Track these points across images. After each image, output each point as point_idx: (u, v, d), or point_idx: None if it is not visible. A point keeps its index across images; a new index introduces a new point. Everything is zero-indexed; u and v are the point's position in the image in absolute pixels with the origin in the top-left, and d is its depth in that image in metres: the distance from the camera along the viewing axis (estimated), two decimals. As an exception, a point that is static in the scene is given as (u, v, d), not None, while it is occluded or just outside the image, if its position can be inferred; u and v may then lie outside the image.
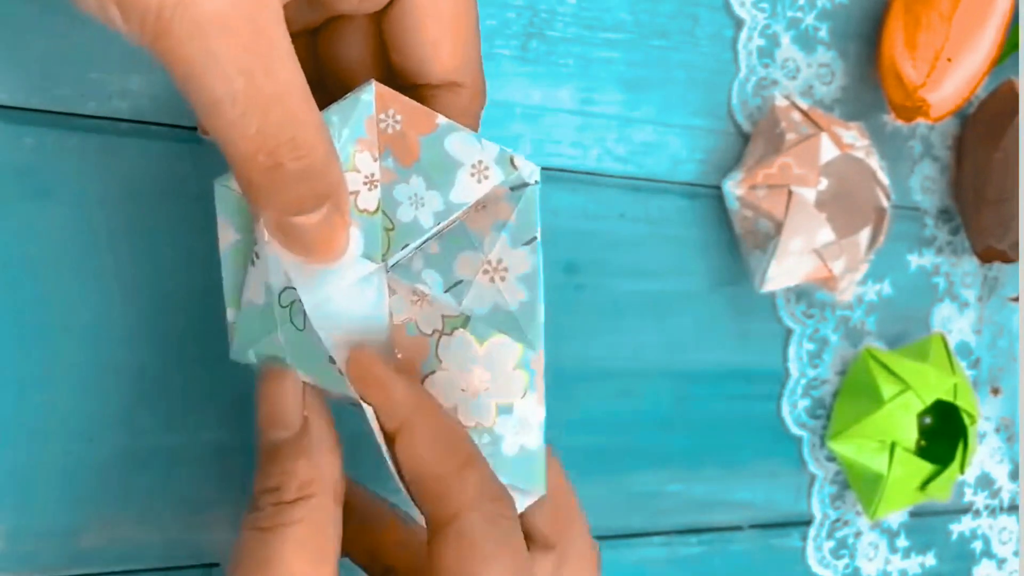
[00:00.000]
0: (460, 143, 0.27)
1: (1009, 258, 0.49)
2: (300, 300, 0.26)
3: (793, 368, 0.47)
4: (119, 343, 0.33)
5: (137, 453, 0.34)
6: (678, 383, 0.44)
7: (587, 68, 0.41)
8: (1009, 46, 0.47)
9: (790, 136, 0.43)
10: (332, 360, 0.26)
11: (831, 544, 0.49)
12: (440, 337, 0.27)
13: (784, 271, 0.43)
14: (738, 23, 0.44)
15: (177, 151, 0.33)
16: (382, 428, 0.26)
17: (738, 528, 0.47)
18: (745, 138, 0.45)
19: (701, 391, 0.45)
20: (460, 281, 0.27)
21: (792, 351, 0.47)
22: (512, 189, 0.28)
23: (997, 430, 0.54)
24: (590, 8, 0.41)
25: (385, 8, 0.28)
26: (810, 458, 0.48)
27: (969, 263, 0.52)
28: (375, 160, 0.27)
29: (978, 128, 0.49)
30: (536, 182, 0.28)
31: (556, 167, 0.41)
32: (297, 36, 0.30)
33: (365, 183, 0.27)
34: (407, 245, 0.27)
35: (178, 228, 0.34)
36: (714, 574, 0.46)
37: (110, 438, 0.33)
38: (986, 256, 0.50)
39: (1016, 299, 0.53)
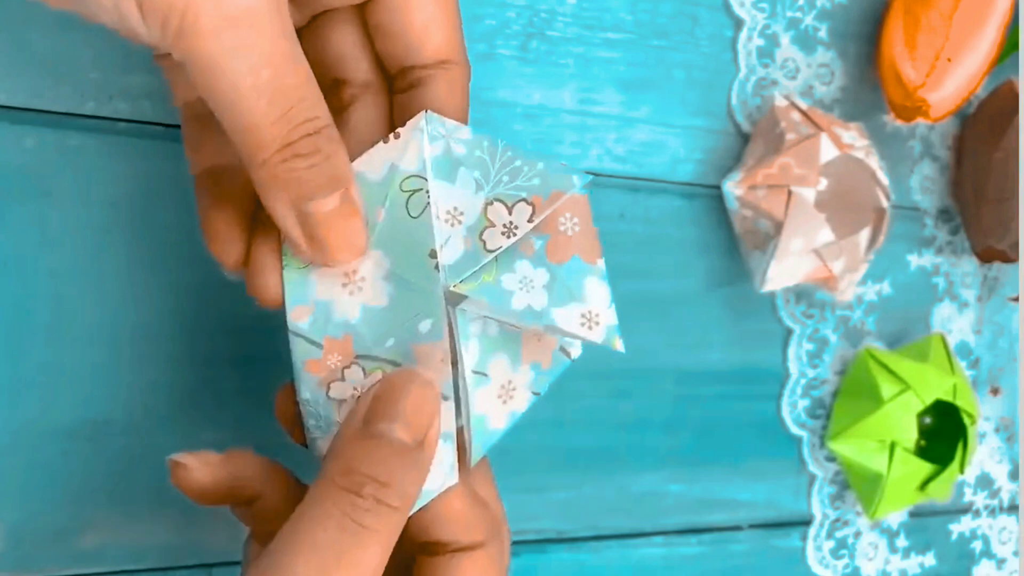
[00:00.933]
0: (596, 286, 0.27)
1: (1009, 258, 0.49)
2: (428, 191, 0.27)
3: (793, 368, 0.47)
4: (119, 343, 0.33)
5: (137, 453, 0.34)
6: (678, 383, 0.44)
7: (587, 68, 0.41)
8: (1009, 46, 0.47)
9: (790, 136, 0.43)
10: (433, 254, 0.27)
11: (831, 544, 0.49)
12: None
13: (784, 271, 0.43)
14: (738, 23, 0.44)
15: (177, 151, 0.33)
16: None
17: (738, 528, 0.47)
18: (745, 138, 0.45)
19: (701, 391, 0.45)
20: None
21: (792, 351, 0.47)
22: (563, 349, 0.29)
23: (997, 430, 0.54)
24: (590, 8, 0.41)
25: (366, 3, 0.29)
26: (810, 458, 0.48)
27: (969, 263, 0.52)
28: (528, 223, 0.27)
29: (978, 128, 0.49)
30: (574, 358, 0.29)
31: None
32: None
33: (504, 231, 0.27)
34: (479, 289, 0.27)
35: (178, 228, 0.34)
36: (714, 574, 0.46)
37: (110, 438, 0.33)
38: (986, 256, 0.50)
39: (1016, 299, 0.53)
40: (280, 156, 0.25)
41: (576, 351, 0.29)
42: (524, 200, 0.27)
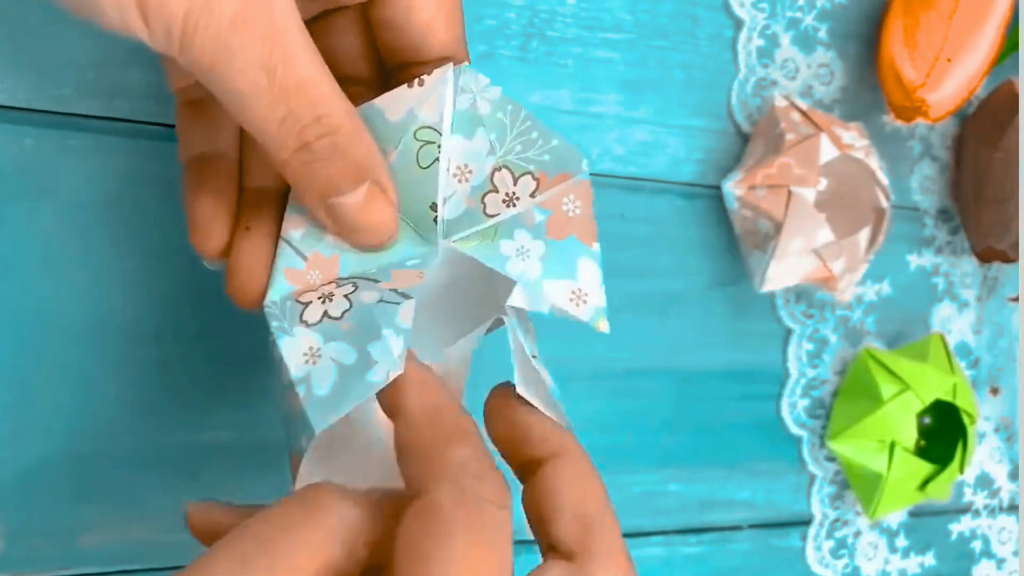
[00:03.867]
0: (589, 268, 0.28)
1: (1009, 258, 0.49)
2: (439, 146, 0.27)
3: (793, 368, 0.47)
4: (119, 343, 0.33)
5: (137, 453, 0.34)
6: (678, 383, 0.44)
7: (587, 68, 0.41)
8: (1009, 46, 0.47)
9: (789, 136, 0.43)
10: (434, 207, 0.27)
11: (831, 544, 0.49)
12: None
13: (784, 271, 0.43)
14: (738, 23, 0.44)
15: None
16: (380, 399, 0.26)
17: (738, 528, 0.47)
18: (745, 138, 0.45)
19: (701, 391, 0.45)
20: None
21: (792, 351, 0.47)
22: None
23: (996, 430, 0.54)
24: (590, 8, 0.41)
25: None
26: (810, 458, 0.48)
27: (969, 263, 0.52)
28: (530, 197, 0.28)
29: (978, 128, 0.49)
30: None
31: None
32: None
33: (505, 200, 0.28)
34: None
35: (178, 228, 0.34)
36: (714, 574, 0.46)
37: (110, 438, 0.33)
38: (986, 256, 0.50)
39: (1016, 299, 0.53)
40: (299, 158, 0.25)
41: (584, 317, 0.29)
42: (531, 174, 0.28)
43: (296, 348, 0.26)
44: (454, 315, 0.30)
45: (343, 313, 0.26)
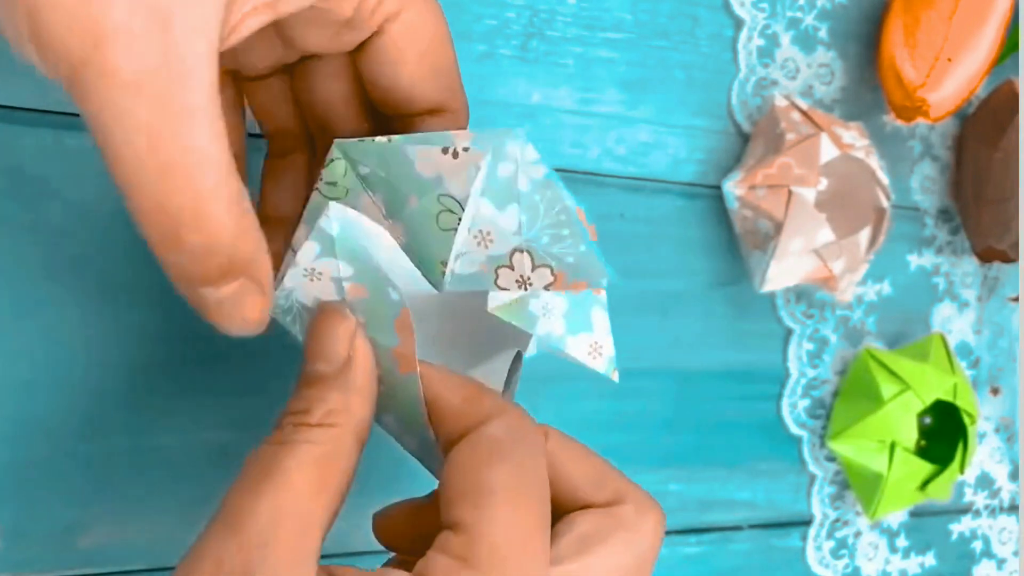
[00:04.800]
0: (600, 317, 0.29)
1: (1009, 258, 0.49)
2: (460, 219, 0.27)
3: (793, 368, 0.47)
4: (119, 343, 0.33)
5: (137, 453, 0.34)
6: (678, 383, 0.44)
7: (587, 68, 0.41)
8: (1009, 46, 0.47)
9: (790, 136, 0.43)
10: (444, 265, 0.27)
11: (831, 544, 0.49)
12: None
13: (784, 271, 0.43)
14: (738, 23, 0.44)
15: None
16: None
17: (738, 528, 0.47)
18: (745, 138, 0.45)
19: (701, 391, 0.45)
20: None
21: (792, 351, 0.47)
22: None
23: (997, 430, 0.54)
24: (590, 8, 0.41)
25: (360, 46, 0.28)
26: (810, 458, 0.48)
27: (969, 263, 0.52)
28: (544, 289, 0.28)
29: (978, 128, 0.49)
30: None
31: (556, 167, 0.41)
32: (273, 74, 0.30)
33: (519, 281, 0.28)
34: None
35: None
36: (714, 574, 0.46)
37: (110, 438, 0.33)
38: (986, 256, 0.50)
39: (1016, 299, 0.53)
40: (159, 233, 0.22)
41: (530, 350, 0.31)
42: (550, 268, 0.27)
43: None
44: (461, 344, 0.31)
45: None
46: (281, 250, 0.28)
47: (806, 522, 0.49)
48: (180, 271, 0.23)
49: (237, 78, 0.30)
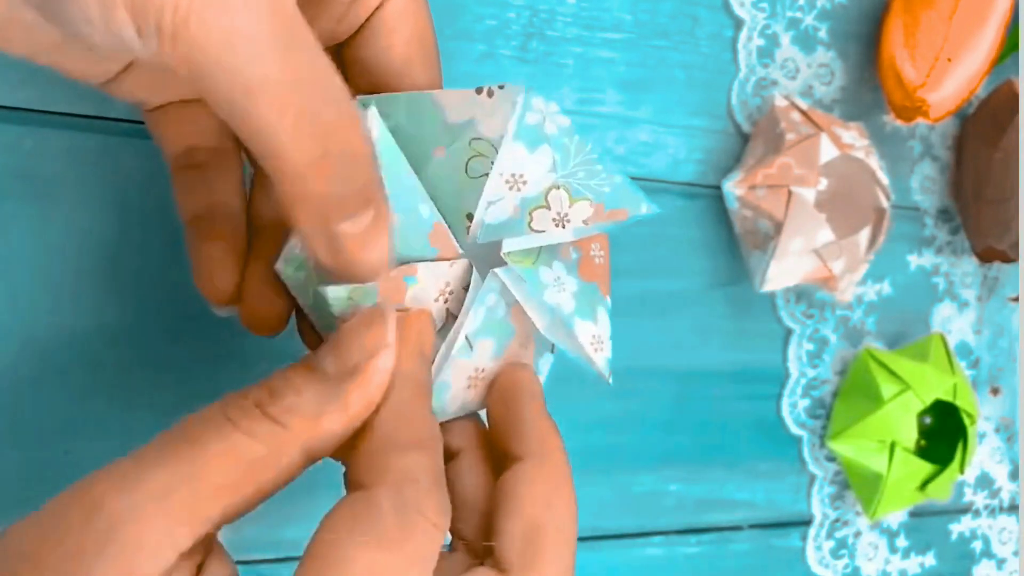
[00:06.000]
0: (604, 318, 0.28)
1: (1009, 258, 0.49)
2: (493, 163, 0.26)
3: (793, 368, 0.47)
4: (119, 343, 0.33)
5: (137, 453, 0.34)
6: (678, 383, 0.44)
7: (587, 68, 0.41)
8: (1009, 46, 0.47)
9: (790, 136, 0.43)
10: (469, 218, 0.26)
11: (831, 544, 0.49)
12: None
13: (784, 271, 0.43)
14: (738, 23, 0.44)
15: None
16: None
17: (738, 528, 0.47)
18: (745, 138, 0.45)
19: (701, 391, 0.45)
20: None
21: (792, 351, 0.47)
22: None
23: (997, 430, 0.54)
24: (590, 8, 0.41)
25: (349, 39, 0.28)
26: (810, 458, 0.48)
27: (969, 263, 0.52)
28: (583, 223, 0.27)
29: (978, 128, 0.49)
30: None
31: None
32: None
33: (555, 219, 0.27)
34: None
35: (177, 228, 0.34)
36: (714, 574, 0.46)
37: (110, 438, 0.33)
38: (986, 256, 0.50)
39: (1016, 299, 0.53)
40: (306, 158, 0.22)
41: (542, 381, 0.30)
42: (589, 200, 0.27)
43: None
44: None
45: None
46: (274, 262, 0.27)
47: (806, 522, 0.49)
48: (321, 203, 0.22)
49: None
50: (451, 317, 0.27)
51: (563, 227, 0.27)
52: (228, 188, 0.29)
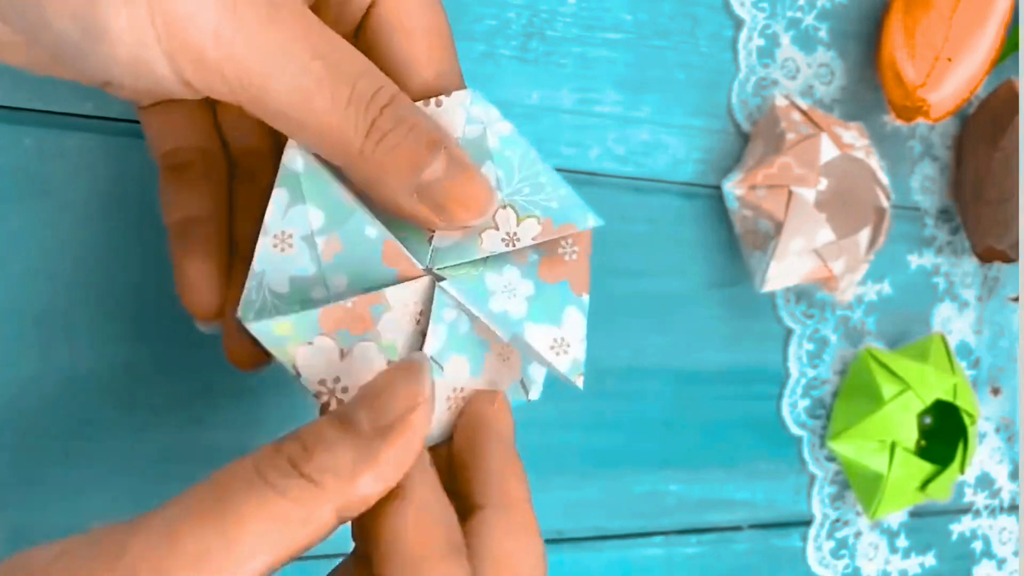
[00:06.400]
0: (575, 318, 0.27)
1: (1009, 258, 0.49)
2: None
3: (793, 368, 0.47)
4: (119, 343, 0.33)
5: (137, 453, 0.34)
6: (678, 383, 0.44)
7: (587, 68, 0.41)
8: (1009, 46, 0.47)
9: (790, 136, 0.43)
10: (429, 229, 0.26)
11: (831, 544, 0.49)
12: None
13: (784, 271, 0.43)
14: (738, 23, 0.44)
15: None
16: None
17: (738, 528, 0.47)
18: (745, 138, 0.45)
19: (701, 391, 0.45)
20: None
21: (792, 351, 0.47)
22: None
23: (997, 430, 0.54)
24: (590, 8, 0.41)
25: (356, 29, 0.28)
26: (810, 458, 0.48)
27: (969, 263, 0.52)
28: (531, 240, 0.26)
29: (978, 128, 0.49)
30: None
31: (556, 167, 0.41)
32: None
33: (505, 239, 0.26)
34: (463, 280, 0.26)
35: (178, 228, 0.34)
36: (714, 574, 0.46)
37: (110, 438, 0.33)
38: (986, 256, 0.50)
39: (1016, 299, 0.53)
40: (371, 141, 0.24)
41: (535, 393, 0.28)
42: (536, 218, 0.26)
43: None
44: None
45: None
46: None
47: (806, 522, 0.49)
48: (402, 164, 0.24)
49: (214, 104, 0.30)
50: None
51: (513, 246, 0.26)
52: (212, 194, 0.29)
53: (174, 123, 0.29)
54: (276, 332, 0.24)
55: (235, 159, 0.30)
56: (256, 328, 0.24)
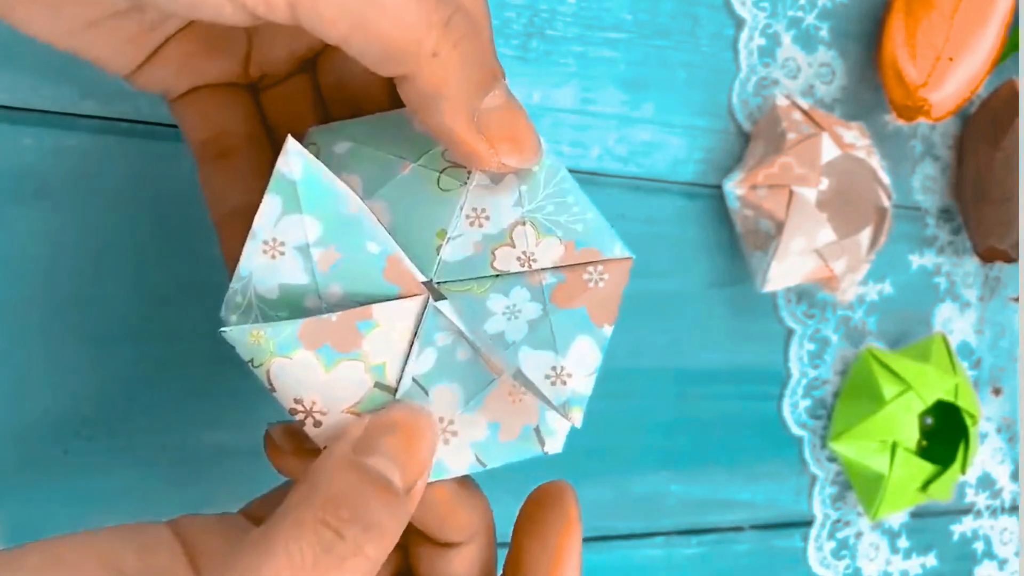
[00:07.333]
0: (587, 349, 0.24)
1: (1010, 258, 0.49)
2: (470, 173, 0.24)
3: (794, 368, 0.47)
4: (119, 343, 0.33)
5: (137, 453, 0.34)
6: (678, 383, 0.44)
7: (587, 68, 0.41)
8: (1010, 46, 0.47)
9: (791, 136, 0.43)
10: (441, 235, 0.24)
11: (832, 545, 0.49)
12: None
13: (785, 271, 0.43)
14: (739, 22, 0.44)
15: (177, 151, 0.33)
16: None
17: (739, 528, 0.47)
18: (745, 138, 0.45)
19: (701, 391, 0.45)
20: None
21: (793, 351, 0.47)
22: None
23: (998, 430, 0.54)
24: (590, 8, 0.41)
25: (320, 58, 0.27)
26: (811, 458, 0.48)
27: (970, 263, 0.52)
28: (550, 262, 0.24)
29: (979, 128, 0.49)
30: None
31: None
32: (290, 76, 0.28)
33: (520, 258, 0.25)
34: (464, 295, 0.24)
35: (178, 228, 0.34)
36: (714, 574, 0.46)
37: (110, 438, 0.33)
38: (987, 256, 0.50)
39: (1017, 299, 0.53)
40: (447, 42, 0.21)
41: (553, 447, 0.25)
42: (558, 238, 0.24)
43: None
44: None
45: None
46: None
47: (807, 523, 0.49)
48: (463, 82, 0.22)
49: (256, 91, 0.29)
50: None
51: (529, 267, 0.24)
52: (262, 183, 0.27)
53: (213, 109, 0.28)
54: (251, 341, 0.23)
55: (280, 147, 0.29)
56: (230, 335, 0.23)
